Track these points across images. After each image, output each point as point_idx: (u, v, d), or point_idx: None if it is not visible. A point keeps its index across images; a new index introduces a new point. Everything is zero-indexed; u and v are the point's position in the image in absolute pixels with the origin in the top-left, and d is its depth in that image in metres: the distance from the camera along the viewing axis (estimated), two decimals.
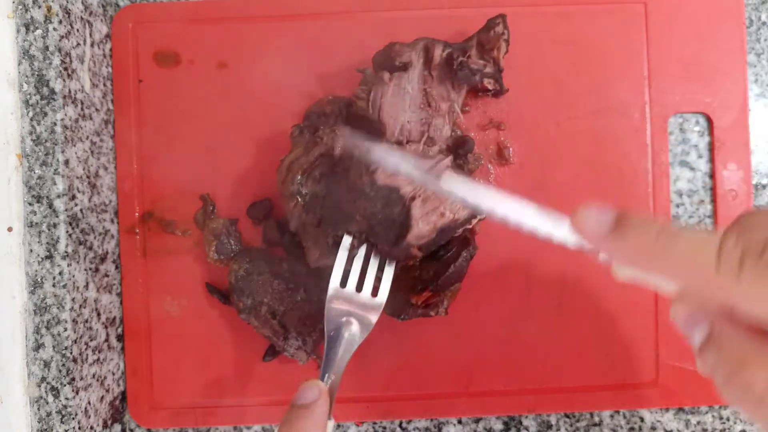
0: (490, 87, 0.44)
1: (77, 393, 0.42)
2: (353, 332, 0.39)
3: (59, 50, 0.41)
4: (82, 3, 0.45)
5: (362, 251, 0.41)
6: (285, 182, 0.42)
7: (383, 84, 0.42)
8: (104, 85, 0.47)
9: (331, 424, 0.35)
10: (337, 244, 0.41)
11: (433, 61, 0.42)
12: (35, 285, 0.41)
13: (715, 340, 0.24)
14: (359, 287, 0.40)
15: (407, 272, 0.43)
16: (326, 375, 0.37)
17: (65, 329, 0.41)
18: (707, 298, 0.24)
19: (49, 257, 0.41)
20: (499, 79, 0.44)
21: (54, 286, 0.41)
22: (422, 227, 0.40)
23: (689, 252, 0.23)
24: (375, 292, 0.40)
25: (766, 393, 0.22)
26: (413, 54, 0.42)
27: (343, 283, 0.40)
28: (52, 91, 0.41)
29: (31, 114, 0.41)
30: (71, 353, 0.41)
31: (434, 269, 0.42)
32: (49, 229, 0.41)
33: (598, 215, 0.26)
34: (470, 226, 0.41)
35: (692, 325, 0.25)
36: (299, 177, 0.41)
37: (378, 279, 0.41)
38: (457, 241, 0.42)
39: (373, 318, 0.40)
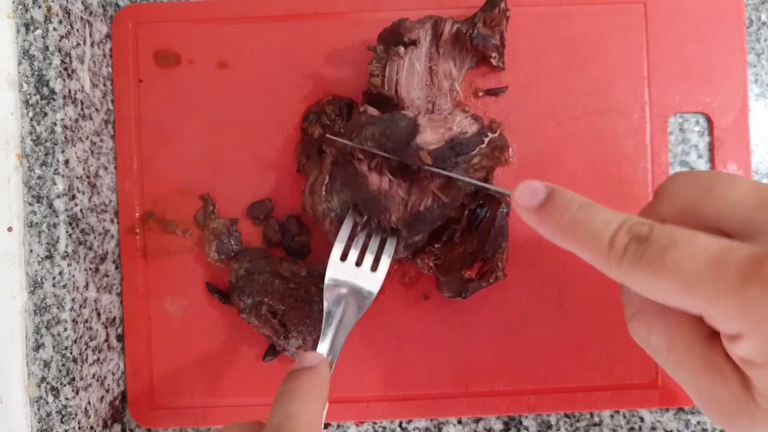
0: (494, 62, 0.45)
1: (77, 393, 0.42)
2: (350, 307, 0.39)
3: (59, 50, 0.41)
4: (82, 3, 0.45)
5: (361, 239, 0.41)
6: (314, 205, 0.42)
7: (399, 58, 0.42)
8: (104, 85, 0.47)
9: (325, 407, 0.35)
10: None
11: (442, 37, 0.43)
12: (35, 285, 0.41)
13: (623, 289, 0.30)
14: (359, 263, 0.41)
15: (452, 251, 0.43)
16: (323, 347, 0.37)
17: (65, 329, 0.41)
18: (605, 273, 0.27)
19: (49, 257, 0.41)
20: (502, 53, 0.45)
21: (54, 286, 0.41)
22: (430, 134, 0.40)
23: (592, 234, 0.27)
24: (375, 267, 0.41)
25: (648, 330, 0.29)
26: (421, 31, 0.42)
27: (343, 257, 0.41)
28: (52, 91, 0.41)
29: (31, 114, 0.41)
30: (71, 353, 0.41)
31: (477, 238, 0.42)
32: (49, 229, 0.41)
33: (531, 190, 0.30)
34: (483, 144, 0.41)
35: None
36: (324, 194, 0.42)
37: (378, 259, 0.41)
38: (487, 202, 0.42)
39: (372, 290, 0.40)
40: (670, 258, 0.24)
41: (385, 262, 0.41)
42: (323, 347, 0.38)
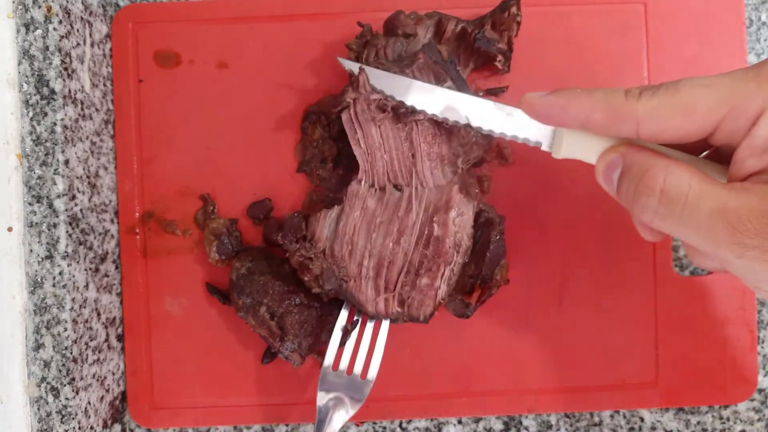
0: (499, 66, 0.45)
1: (77, 393, 0.42)
2: (344, 408, 0.42)
3: (59, 50, 0.41)
4: (82, 3, 0.45)
5: (355, 333, 0.44)
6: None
7: (377, 47, 0.42)
8: (104, 85, 0.47)
9: None
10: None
11: (445, 35, 0.43)
12: (35, 285, 0.41)
13: (626, 168, 0.31)
14: (350, 369, 0.43)
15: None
16: None
17: (65, 329, 0.41)
18: (619, 126, 0.30)
19: (49, 257, 0.41)
20: (509, 58, 0.45)
21: (54, 286, 0.41)
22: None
23: (605, 93, 0.30)
24: (365, 372, 0.43)
25: (664, 187, 0.29)
26: (421, 27, 0.42)
27: (335, 365, 0.43)
28: (52, 91, 0.41)
29: (31, 114, 0.41)
30: (71, 353, 0.41)
31: (474, 262, 0.42)
32: (49, 229, 0.41)
33: (538, 92, 0.33)
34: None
35: (610, 171, 0.32)
36: (313, 284, 0.43)
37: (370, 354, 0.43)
38: (481, 226, 0.42)
39: (363, 395, 0.42)
40: (685, 82, 0.29)
41: (375, 363, 0.43)
42: None
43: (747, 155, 0.28)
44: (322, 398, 0.42)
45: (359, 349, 0.43)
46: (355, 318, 0.44)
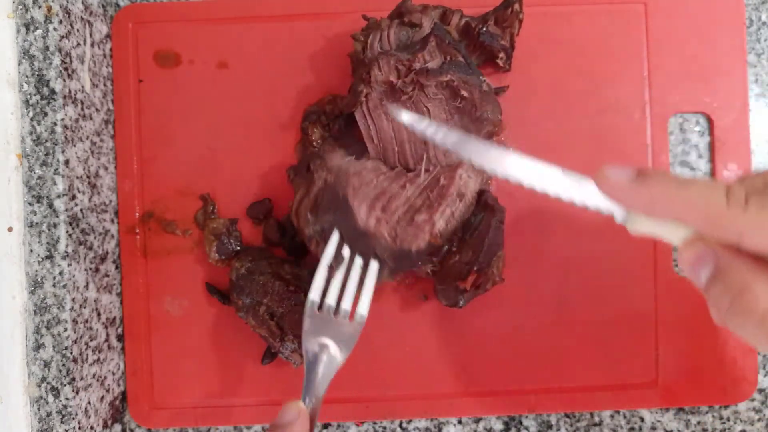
0: (501, 63, 0.45)
1: (77, 393, 0.42)
2: (332, 356, 0.38)
3: (59, 50, 0.41)
4: (82, 3, 0.45)
5: (343, 267, 0.40)
6: (299, 228, 0.43)
7: (382, 30, 0.42)
8: (104, 85, 0.47)
9: None
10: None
11: (449, 27, 0.43)
12: (35, 285, 0.41)
13: (719, 272, 0.27)
14: (337, 309, 0.39)
15: (448, 260, 0.43)
16: (306, 398, 0.37)
17: (65, 329, 0.41)
18: (717, 234, 0.26)
19: (49, 257, 0.41)
20: (510, 56, 0.45)
21: (54, 286, 0.41)
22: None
23: (702, 194, 0.26)
24: (352, 314, 0.39)
25: (766, 312, 0.25)
26: (424, 18, 0.43)
27: (320, 306, 0.39)
28: (53, 91, 0.41)
29: (31, 114, 0.41)
30: (71, 353, 0.41)
31: (472, 249, 0.42)
32: (49, 229, 0.41)
33: (620, 170, 0.29)
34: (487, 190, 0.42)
35: (699, 266, 0.28)
36: (310, 217, 0.42)
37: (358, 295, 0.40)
38: (482, 211, 0.42)
39: (353, 339, 0.39)
40: None
41: (365, 303, 0.39)
42: (306, 398, 0.37)
43: None
44: (308, 343, 0.38)
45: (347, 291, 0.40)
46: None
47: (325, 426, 0.48)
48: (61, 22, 0.42)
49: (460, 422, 0.47)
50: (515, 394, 0.46)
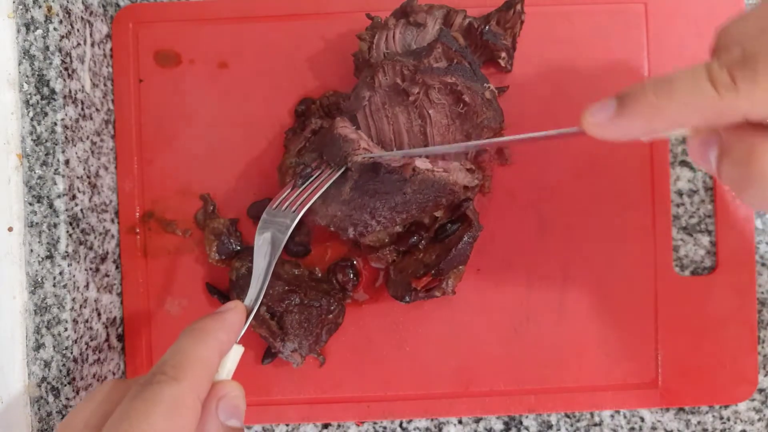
0: (502, 64, 0.45)
1: (77, 393, 0.42)
2: (267, 240, 0.39)
3: (59, 50, 0.41)
4: (83, 3, 0.45)
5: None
6: (282, 162, 0.43)
7: (388, 29, 0.42)
8: (104, 85, 0.47)
9: (240, 350, 0.35)
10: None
11: (452, 28, 0.43)
12: (35, 285, 0.41)
13: (725, 150, 0.26)
14: (287, 205, 0.41)
15: (411, 255, 0.43)
16: (251, 290, 0.38)
17: (65, 329, 0.41)
18: (722, 123, 0.26)
19: (50, 257, 0.41)
20: (512, 56, 0.45)
21: (54, 286, 0.41)
22: None
23: (689, 97, 0.25)
24: (300, 208, 0.40)
25: None
26: (429, 18, 0.43)
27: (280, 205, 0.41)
28: (53, 91, 0.41)
29: (31, 114, 0.41)
30: (71, 353, 0.41)
31: (436, 252, 0.42)
32: (49, 229, 0.41)
33: (600, 109, 0.28)
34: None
35: (706, 152, 0.28)
36: (295, 153, 0.43)
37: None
38: (460, 221, 0.42)
39: (287, 226, 0.39)
40: None
41: (311, 201, 0.40)
42: (247, 298, 0.37)
43: None
44: (257, 239, 0.40)
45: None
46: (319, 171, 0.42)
47: (325, 426, 0.48)
48: (61, 22, 0.42)
49: (460, 422, 0.47)
50: (515, 394, 0.46)
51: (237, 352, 0.35)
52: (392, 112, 0.42)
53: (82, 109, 0.44)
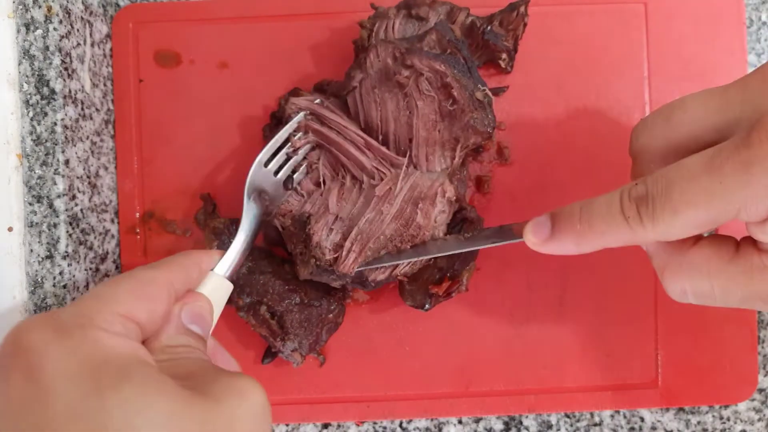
0: (503, 65, 0.45)
1: None
2: (256, 204, 0.41)
3: (59, 50, 0.41)
4: (83, 3, 0.45)
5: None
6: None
7: (389, 19, 0.42)
8: (104, 85, 0.47)
9: (228, 286, 0.37)
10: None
11: (454, 25, 0.43)
12: (35, 285, 0.41)
13: (649, 254, 0.32)
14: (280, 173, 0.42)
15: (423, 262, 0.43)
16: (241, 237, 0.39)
17: None
18: (636, 243, 0.29)
19: (50, 257, 0.41)
20: (513, 58, 0.45)
21: (54, 286, 0.41)
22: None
23: (605, 222, 0.29)
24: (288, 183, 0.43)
25: (688, 291, 0.30)
26: (431, 12, 0.43)
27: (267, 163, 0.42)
28: (53, 91, 0.41)
29: (31, 114, 0.41)
30: None
31: (447, 256, 0.42)
32: (49, 229, 0.41)
33: (537, 225, 0.32)
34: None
35: (642, 248, 0.33)
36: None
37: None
38: (464, 223, 0.42)
39: (280, 195, 0.42)
40: (676, 194, 0.26)
41: (300, 175, 0.43)
42: (224, 260, 0.38)
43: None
44: (247, 196, 0.41)
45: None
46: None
47: (325, 426, 0.48)
48: (61, 22, 0.42)
49: (460, 422, 0.47)
50: (515, 394, 0.46)
51: (226, 284, 0.37)
52: (381, 97, 0.41)
53: (82, 109, 0.44)
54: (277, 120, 0.45)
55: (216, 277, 0.36)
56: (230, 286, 0.37)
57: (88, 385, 0.25)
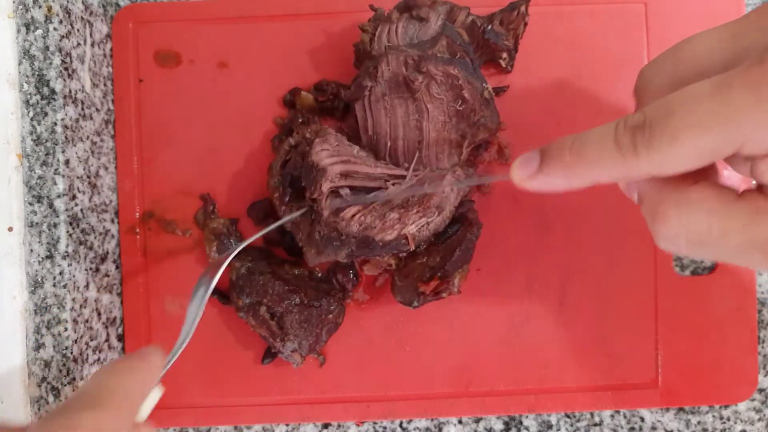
0: (503, 64, 0.45)
1: None
2: (201, 286, 0.40)
3: (60, 50, 0.41)
4: (83, 3, 0.45)
5: None
6: (268, 181, 0.43)
7: (391, 23, 0.42)
8: (105, 85, 0.47)
9: (158, 392, 0.36)
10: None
11: (455, 24, 0.43)
12: (35, 285, 0.41)
13: (641, 197, 0.29)
14: None
15: (414, 259, 0.43)
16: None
17: (65, 329, 0.41)
18: (631, 179, 0.28)
19: (50, 257, 0.41)
20: (513, 57, 0.45)
21: (54, 286, 0.41)
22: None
23: (597, 151, 0.27)
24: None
25: (683, 230, 0.26)
26: (432, 13, 0.43)
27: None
28: (53, 91, 0.41)
29: (31, 114, 0.41)
30: (71, 353, 0.41)
31: (440, 255, 0.42)
32: (49, 229, 0.41)
33: (524, 161, 0.30)
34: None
35: (631, 191, 0.31)
36: (277, 171, 0.42)
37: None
38: (460, 222, 0.42)
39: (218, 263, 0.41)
40: (676, 119, 0.24)
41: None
42: (177, 342, 0.38)
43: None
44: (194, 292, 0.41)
45: None
46: None
47: (325, 426, 0.48)
48: (61, 22, 0.42)
49: (460, 422, 0.47)
50: (515, 394, 0.46)
51: (156, 394, 0.35)
52: (391, 104, 0.42)
53: (82, 109, 0.44)
54: (288, 130, 0.45)
55: (153, 392, 0.36)
56: (160, 391, 0.36)
57: None
